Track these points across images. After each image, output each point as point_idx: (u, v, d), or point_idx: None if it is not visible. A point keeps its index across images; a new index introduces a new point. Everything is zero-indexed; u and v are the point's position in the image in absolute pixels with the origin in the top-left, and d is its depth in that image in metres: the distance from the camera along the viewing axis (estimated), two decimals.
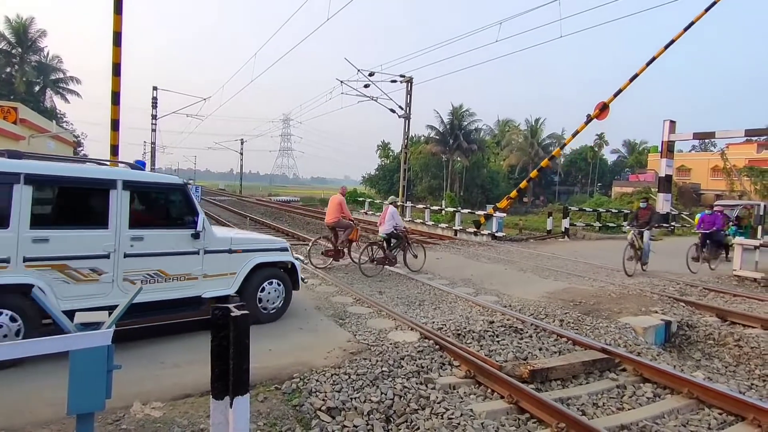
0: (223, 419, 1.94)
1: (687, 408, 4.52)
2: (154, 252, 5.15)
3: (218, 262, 5.66)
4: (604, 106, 16.06)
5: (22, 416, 3.54)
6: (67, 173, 4.78)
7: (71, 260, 4.65)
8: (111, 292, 4.85)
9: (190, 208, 5.47)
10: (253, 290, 5.97)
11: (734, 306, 8.30)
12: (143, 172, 5.40)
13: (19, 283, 4.35)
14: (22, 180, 4.40)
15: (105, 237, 4.86)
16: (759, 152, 43.62)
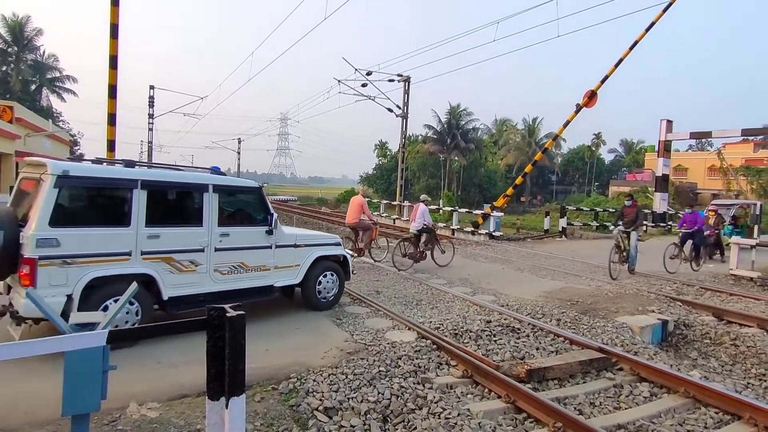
0: (219, 420, 1.93)
1: (684, 407, 4.52)
2: (237, 246, 5.92)
3: (286, 256, 6.46)
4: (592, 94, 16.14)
5: (18, 416, 3.53)
6: (171, 179, 5.56)
7: (176, 254, 5.44)
8: (205, 282, 5.65)
9: (264, 208, 6.30)
10: (313, 280, 6.74)
11: (731, 305, 8.33)
12: (227, 176, 6.24)
13: (139, 273, 5.08)
14: (139, 185, 5.13)
15: (200, 234, 5.63)
16: (755, 152, 43.77)
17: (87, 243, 4.86)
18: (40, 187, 4.79)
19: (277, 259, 6.35)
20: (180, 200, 5.76)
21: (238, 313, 1.94)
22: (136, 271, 5.07)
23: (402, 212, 26.56)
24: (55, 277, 4.65)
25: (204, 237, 5.64)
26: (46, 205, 4.63)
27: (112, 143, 12.06)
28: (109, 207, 5.25)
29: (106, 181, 5.15)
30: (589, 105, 16.24)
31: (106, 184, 5.16)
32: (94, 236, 4.93)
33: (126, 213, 5.10)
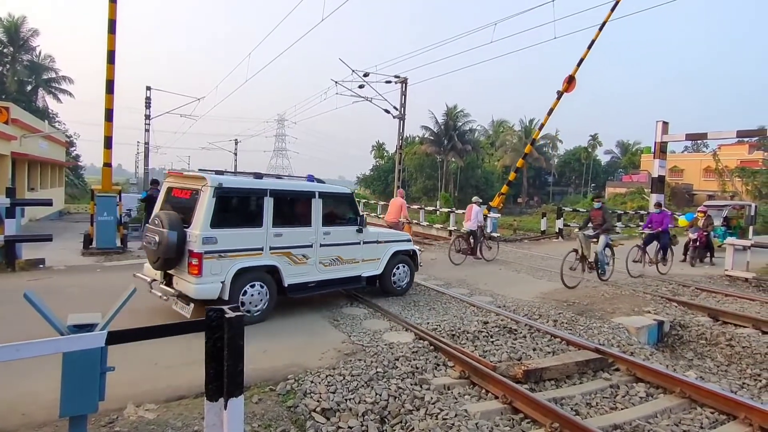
0: (217, 421, 1.93)
1: (679, 407, 4.55)
2: (335, 243, 7.04)
3: (371, 251, 7.62)
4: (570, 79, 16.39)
5: (15, 418, 3.52)
6: (290, 188, 6.72)
7: (293, 249, 6.55)
8: (312, 272, 6.77)
9: (354, 211, 7.49)
10: (389, 271, 7.87)
11: (726, 306, 8.38)
12: (327, 184, 7.35)
13: (268, 265, 6.24)
14: (268, 194, 6.27)
15: (310, 232, 6.74)
16: (750, 153, 44.02)
17: (234, 241, 5.98)
18: (200, 196, 5.88)
19: (364, 253, 7.51)
20: (295, 205, 6.82)
21: (236, 315, 1.94)
22: (266, 263, 6.24)
23: None
24: (214, 268, 5.76)
25: (312, 235, 6.78)
26: (207, 210, 5.74)
27: (109, 139, 12.03)
28: (248, 211, 6.29)
29: (247, 191, 6.30)
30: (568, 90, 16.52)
31: (247, 193, 6.30)
32: (239, 235, 6.05)
33: (259, 216, 6.24)
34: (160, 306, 6.24)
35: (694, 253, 13.21)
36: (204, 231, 5.68)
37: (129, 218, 16.17)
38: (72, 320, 2.51)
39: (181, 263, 5.85)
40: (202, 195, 5.84)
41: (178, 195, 6.46)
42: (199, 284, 5.65)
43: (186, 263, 5.77)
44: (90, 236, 11.63)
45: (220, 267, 5.81)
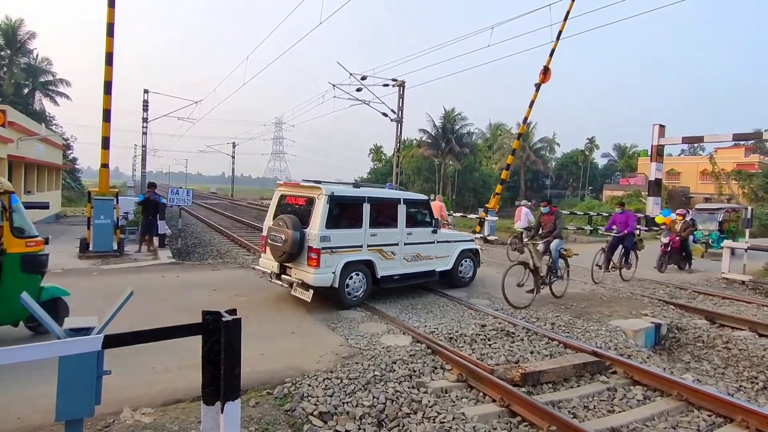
0: (214, 425, 1.93)
1: (677, 410, 4.56)
2: (416, 242, 8.24)
3: (443, 249, 8.80)
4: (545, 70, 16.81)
5: (11, 422, 3.50)
6: (381, 195, 8.05)
7: (384, 246, 7.76)
8: (398, 266, 7.98)
9: (430, 214, 8.70)
10: (457, 266, 9.08)
11: (723, 308, 8.40)
12: (408, 192, 8.93)
13: (366, 259, 7.50)
14: (366, 200, 7.51)
15: (396, 233, 7.97)
16: (747, 156, 44.22)
17: (342, 239, 7.18)
18: (315, 202, 7.12)
19: (438, 251, 8.68)
20: (386, 210, 7.96)
21: (233, 318, 1.94)
22: (365, 258, 7.48)
23: None
24: (328, 261, 6.98)
25: (398, 235, 7.98)
26: (323, 214, 6.98)
27: (107, 140, 11.99)
28: (352, 215, 7.46)
29: (351, 198, 7.50)
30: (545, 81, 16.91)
31: (351, 200, 7.49)
32: (345, 235, 7.26)
33: (360, 219, 7.45)
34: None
35: (663, 258, 12.19)
36: (321, 231, 6.94)
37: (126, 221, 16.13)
38: (68, 324, 2.51)
39: (300, 257, 7.07)
40: (318, 201, 7.10)
41: (291, 201, 7.78)
42: (317, 274, 6.90)
43: (305, 257, 7.00)
44: (86, 240, 11.55)
45: (332, 260, 7.05)
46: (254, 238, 17.13)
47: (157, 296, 7.44)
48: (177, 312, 6.55)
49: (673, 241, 12.18)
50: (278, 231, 7.16)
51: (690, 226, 12.44)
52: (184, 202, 13.89)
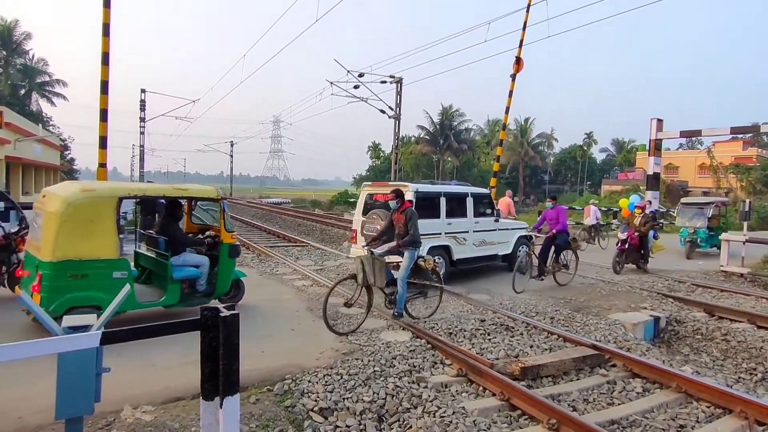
0: (213, 420, 1.93)
1: (676, 402, 4.57)
2: (482, 229, 9.62)
3: (503, 235, 10.24)
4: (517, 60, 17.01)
5: (10, 422, 3.50)
6: (454, 190, 9.56)
7: (458, 234, 9.30)
8: (468, 250, 9.48)
9: (492, 206, 10.17)
10: (515, 251, 10.38)
11: (721, 301, 8.43)
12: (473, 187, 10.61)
13: (445, 244, 8.98)
14: (442, 195, 9.06)
15: (467, 222, 9.49)
16: (745, 149, 44.27)
17: (426, 228, 8.19)
18: None
19: (499, 237, 10.09)
20: (458, 203, 9.38)
21: (231, 314, 1.94)
22: (444, 243, 8.95)
23: None
24: None
25: (468, 224, 9.48)
26: None
27: (104, 139, 11.99)
28: (432, 208, 8.88)
29: (431, 194, 8.99)
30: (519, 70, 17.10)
31: (432, 195, 8.99)
32: (428, 224, 8.50)
33: (438, 211, 8.99)
34: None
35: (620, 257, 10.90)
36: None
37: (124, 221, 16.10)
38: (67, 322, 2.51)
39: None
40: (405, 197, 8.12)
41: (379, 198, 9.20)
42: None
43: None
44: None
45: None
46: (254, 237, 17.13)
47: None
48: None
49: (632, 237, 10.90)
50: (373, 223, 8.45)
51: (650, 221, 11.21)
52: None
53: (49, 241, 5.08)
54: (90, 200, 5.30)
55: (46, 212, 5.29)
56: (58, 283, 5.02)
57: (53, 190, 5.70)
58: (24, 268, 5.79)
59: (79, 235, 5.14)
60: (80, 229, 5.15)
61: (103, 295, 5.14)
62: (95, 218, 5.26)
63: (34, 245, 5.53)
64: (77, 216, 5.15)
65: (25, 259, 5.84)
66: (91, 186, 5.54)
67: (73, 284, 5.09)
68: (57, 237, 5.04)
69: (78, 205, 5.18)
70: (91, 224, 5.23)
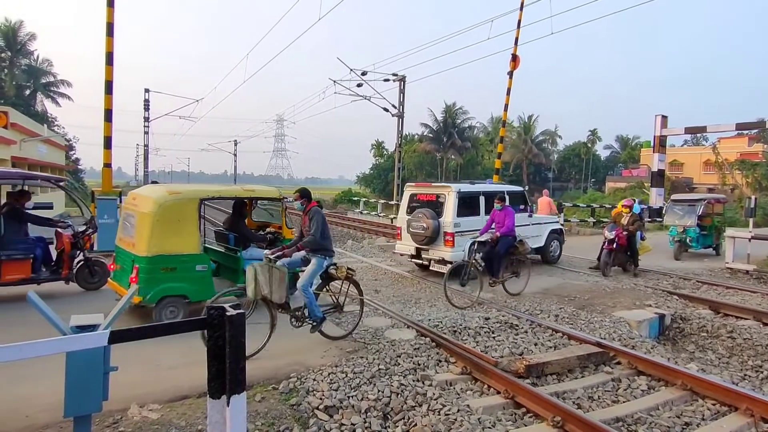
0: (220, 418, 1.94)
1: (681, 399, 4.57)
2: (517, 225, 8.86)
3: (536, 229, 10.86)
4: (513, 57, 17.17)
5: (19, 420, 3.53)
6: (490, 189, 10.06)
7: None
8: None
9: (525, 202, 10.75)
10: (548, 244, 11.14)
11: (727, 298, 8.39)
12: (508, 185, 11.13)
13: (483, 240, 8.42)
14: (481, 194, 9.75)
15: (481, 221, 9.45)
16: (750, 145, 43.96)
17: (467, 224, 9.16)
18: (447, 197, 9.21)
19: (532, 231, 10.56)
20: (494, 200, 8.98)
21: (237, 312, 1.95)
22: (483, 239, 8.52)
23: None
24: (459, 242, 9.00)
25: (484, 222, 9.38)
26: (453, 206, 9.09)
27: (109, 139, 12.05)
28: (472, 206, 9.54)
29: (472, 193, 9.66)
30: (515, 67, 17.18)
31: (472, 194, 9.64)
32: (469, 221, 9.25)
33: (477, 208, 9.58)
34: None
35: (608, 258, 10.14)
36: (454, 219, 9.04)
37: None
38: (74, 321, 2.53)
39: (438, 240, 9.11)
40: (449, 197, 9.20)
41: (422, 198, 9.86)
42: (453, 252, 8.94)
43: (442, 240, 9.06)
44: None
45: (462, 241, 9.01)
46: None
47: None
48: None
49: (620, 237, 10.12)
50: (419, 221, 9.18)
51: (638, 220, 10.52)
52: None
53: (144, 239, 5.69)
54: (176, 202, 5.88)
55: (140, 213, 5.90)
56: (152, 275, 5.63)
57: (143, 193, 6.38)
58: (115, 262, 6.47)
59: (168, 233, 5.74)
60: (169, 228, 5.75)
61: (188, 286, 5.85)
62: (181, 218, 5.86)
63: (127, 242, 6.11)
64: (166, 216, 5.73)
65: (116, 255, 6.48)
66: (176, 189, 6.20)
67: (165, 276, 5.71)
68: (151, 235, 5.65)
69: (167, 206, 5.77)
70: (178, 223, 5.82)
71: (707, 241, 13.29)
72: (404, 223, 9.79)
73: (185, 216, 5.89)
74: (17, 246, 6.80)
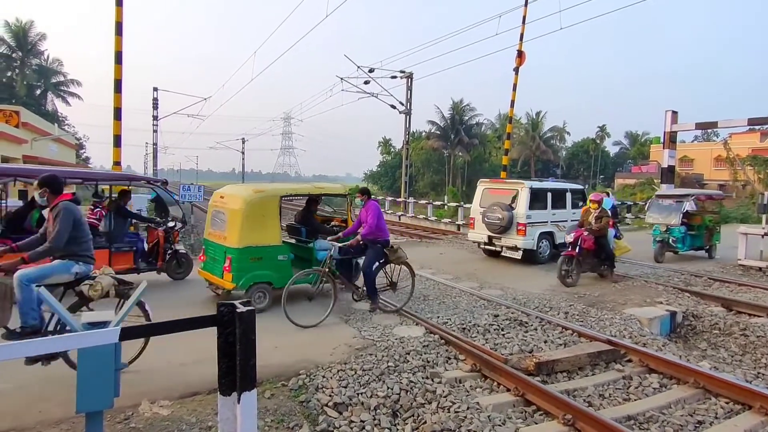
0: (230, 415, 1.95)
1: (693, 398, 4.51)
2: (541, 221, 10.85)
3: None
4: (519, 53, 17.06)
5: (32, 416, 3.57)
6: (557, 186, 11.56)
7: (559, 222, 11.07)
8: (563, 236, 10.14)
9: (584, 198, 11.29)
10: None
11: (740, 295, 8.29)
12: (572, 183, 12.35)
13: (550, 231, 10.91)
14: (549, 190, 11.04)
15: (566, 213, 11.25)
16: (762, 141, 43.33)
17: (537, 217, 10.60)
18: (520, 192, 10.59)
19: None
20: (559, 196, 11.23)
21: (247, 309, 1.95)
22: (549, 230, 10.85)
23: (407, 209, 26.49)
24: (530, 232, 10.45)
25: (567, 214, 11.21)
26: (526, 200, 10.46)
27: (119, 138, 12.14)
28: (541, 201, 10.81)
29: (541, 189, 10.96)
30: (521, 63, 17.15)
31: (541, 191, 10.91)
32: (538, 214, 10.66)
33: (546, 203, 10.87)
34: None
35: (569, 265, 8.66)
36: (526, 211, 10.40)
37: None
38: (86, 318, 2.55)
39: (510, 230, 10.46)
40: (521, 192, 10.59)
41: (495, 193, 11.20)
42: (524, 240, 10.35)
43: (515, 230, 10.43)
44: None
45: (532, 231, 10.49)
46: None
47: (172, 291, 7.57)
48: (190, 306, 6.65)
49: (583, 239, 8.62)
50: (494, 213, 10.51)
51: (606, 216, 8.94)
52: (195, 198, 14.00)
53: (235, 232, 6.38)
54: (261, 199, 6.55)
55: (230, 210, 6.59)
56: (243, 265, 6.34)
57: (231, 192, 7.08)
58: (205, 254, 7.16)
59: (255, 227, 6.44)
60: (255, 222, 6.44)
61: (273, 273, 6.57)
62: (265, 213, 6.56)
63: (218, 235, 6.79)
64: (253, 212, 6.42)
65: (206, 247, 7.18)
66: (261, 188, 6.91)
67: (253, 265, 6.41)
68: (241, 228, 6.35)
69: (254, 203, 6.45)
70: (263, 218, 6.52)
71: (696, 242, 11.97)
72: (478, 214, 11.20)
73: (269, 211, 6.60)
74: (123, 240, 7.67)
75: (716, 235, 12.46)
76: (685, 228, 11.60)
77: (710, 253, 12.41)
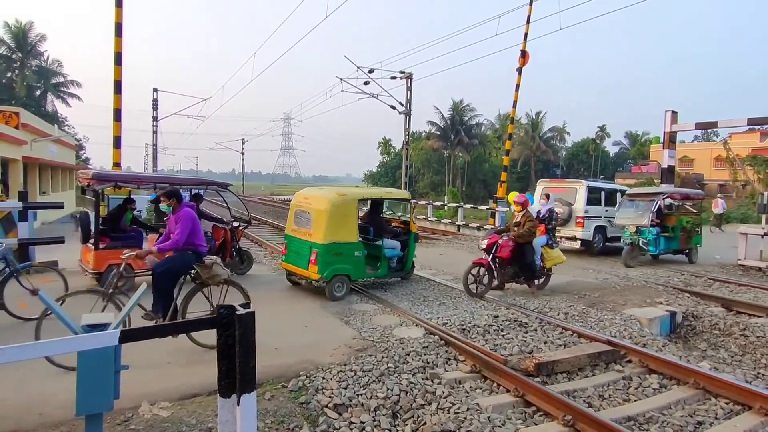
0: (230, 417, 1.95)
1: (693, 398, 4.52)
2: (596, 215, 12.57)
3: None
4: (522, 53, 17.07)
5: (32, 418, 3.57)
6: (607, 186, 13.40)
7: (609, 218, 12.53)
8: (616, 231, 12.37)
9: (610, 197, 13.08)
10: None
11: (740, 296, 8.30)
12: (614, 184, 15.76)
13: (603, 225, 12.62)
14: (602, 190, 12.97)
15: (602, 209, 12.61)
16: (762, 141, 43.31)
17: (592, 212, 12.27)
18: (578, 190, 12.35)
19: None
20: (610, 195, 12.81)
21: (247, 311, 1.95)
22: (602, 224, 12.46)
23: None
24: (587, 224, 12.17)
25: (603, 211, 12.57)
26: (583, 197, 12.18)
27: (118, 139, 12.15)
28: (596, 198, 12.48)
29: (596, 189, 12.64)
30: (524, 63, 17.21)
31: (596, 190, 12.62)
32: (593, 209, 12.30)
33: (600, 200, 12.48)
34: None
35: (477, 276, 7.70)
36: (584, 206, 12.17)
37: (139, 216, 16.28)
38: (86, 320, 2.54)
39: (570, 223, 12.20)
40: (579, 190, 12.33)
41: (554, 191, 12.00)
42: (583, 231, 12.06)
43: (574, 222, 12.17)
44: None
45: (589, 224, 12.18)
46: (266, 234, 17.23)
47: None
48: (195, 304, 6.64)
49: (500, 246, 7.68)
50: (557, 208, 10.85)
51: (530, 220, 7.73)
52: None
53: (321, 230, 7.19)
54: (344, 202, 7.43)
55: (316, 210, 7.42)
56: (327, 258, 7.12)
57: (316, 194, 7.91)
58: (287, 249, 7.98)
59: (337, 226, 7.24)
60: (338, 222, 7.27)
61: (350, 267, 7.41)
62: (346, 214, 7.41)
63: (303, 232, 7.60)
64: (337, 213, 7.27)
65: (288, 243, 7.96)
66: (343, 192, 7.77)
67: (335, 260, 7.20)
68: (327, 227, 7.15)
69: (338, 205, 7.33)
70: (344, 219, 7.36)
71: (672, 245, 11.33)
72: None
73: (349, 213, 7.46)
74: None
75: (696, 237, 11.84)
76: (658, 229, 10.96)
77: (690, 257, 11.72)
